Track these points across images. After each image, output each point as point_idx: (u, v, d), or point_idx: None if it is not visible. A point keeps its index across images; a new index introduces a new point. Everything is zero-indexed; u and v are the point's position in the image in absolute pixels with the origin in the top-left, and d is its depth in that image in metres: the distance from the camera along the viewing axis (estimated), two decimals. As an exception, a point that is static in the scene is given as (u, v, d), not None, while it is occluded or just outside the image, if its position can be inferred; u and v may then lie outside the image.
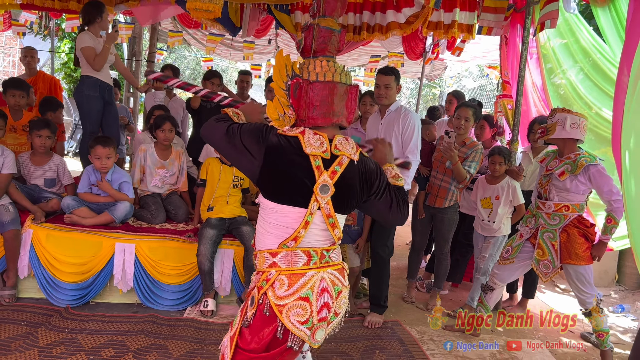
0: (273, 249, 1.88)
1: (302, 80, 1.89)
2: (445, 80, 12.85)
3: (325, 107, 1.89)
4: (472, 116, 4.02)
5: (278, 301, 1.80)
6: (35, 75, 5.59)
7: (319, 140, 1.87)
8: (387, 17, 4.89)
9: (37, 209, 3.71)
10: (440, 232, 4.18)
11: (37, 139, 3.87)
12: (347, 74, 1.94)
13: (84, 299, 3.66)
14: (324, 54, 1.96)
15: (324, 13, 1.99)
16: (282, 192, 1.87)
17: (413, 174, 3.76)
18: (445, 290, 4.66)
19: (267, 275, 1.86)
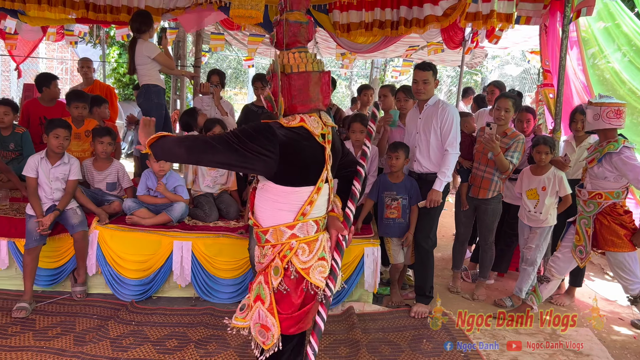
0: (289, 222, 2.12)
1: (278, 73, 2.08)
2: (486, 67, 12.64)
3: (302, 95, 2.09)
4: (512, 107, 4.06)
5: (303, 265, 2.11)
6: (92, 84, 5.97)
7: (315, 121, 2.11)
8: (424, 10, 4.92)
9: (101, 212, 4.01)
10: (484, 223, 4.23)
11: (99, 146, 4.16)
12: (319, 62, 2.13)
13: (146, 294, 3.93)
14: (295, 45, 2.14)
15: (291, 7, 2.15)
16: (300, 177, 2.10)
17: (453, 166, 3.82)
18: (491, 280, 4.70)
19: (289, 246, 2.12)
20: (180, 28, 8.13)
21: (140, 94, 4.94)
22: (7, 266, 3.93)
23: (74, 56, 14.63)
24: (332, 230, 2.23)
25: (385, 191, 4.05)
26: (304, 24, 2.13)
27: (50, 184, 3.77)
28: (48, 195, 3.78)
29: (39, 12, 5.31)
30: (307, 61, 2.08)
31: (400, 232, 4.05)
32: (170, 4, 5.34)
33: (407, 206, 4.00)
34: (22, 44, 8.24)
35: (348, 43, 5.68)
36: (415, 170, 4.01)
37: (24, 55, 8.53)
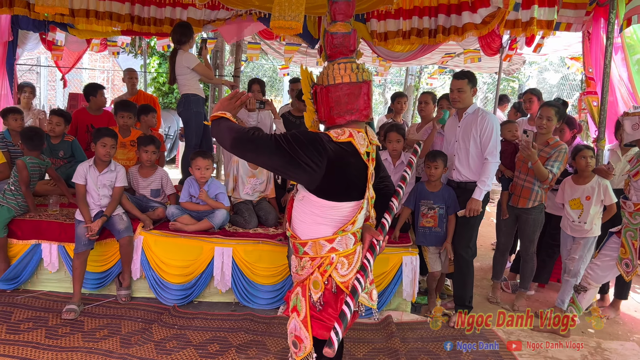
0: (328, 236, 2.09)
1: (318, 87, 2.10)
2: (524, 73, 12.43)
3: (339, 107, 2.06)
4: (555, 115, 3.98)
5: (342, 279, 2.07)
6: (136, 94, 6.18)
7: (362, 138, 2.06)
8: (462, 18, 4.91)
9: (146, 218, 4.13)
10: (525, 233, 4.17)
11: (144, 154, 4.30)
12: (362, 71, 2.07)
13: (188, 299, 4.02)
14: (337, 57, 2.11)
15: (334, 19, 2.14)
16: (343, 192, 2.06)
17: (493, 175, 3.78)
18: (532, 290, 4.62)
19: (329, 260, 2.08)
20: (218, 38, 8.32)
21: (180, 103, 5.08)
22: (57, 269, 4.09)
23: (115, 66, 15.11)
24: (367, 234, 2.20)
25: (422, 200, 4.04)
26: (346, 34, 2.09)
27: (98, 191, 3.92)
28: (96, 201, 3.93)
29: (87, 25, 5.55)
30: (347, 72, 2.05)
31: (436, 241, 4.03)
32: (212, 15, 5.49)
33: (444, 215, 3.98)
34: (67, 54, 8.57)
35: (385, 51, 5.70)
36: (454, 178, 3.99)
37: (70, 66, 8.87)
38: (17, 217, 4.06)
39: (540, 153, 3.96)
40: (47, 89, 12.87)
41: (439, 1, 4.97)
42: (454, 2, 4.96)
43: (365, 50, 8.45)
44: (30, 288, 4.12)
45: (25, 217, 4.10)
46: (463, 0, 4.85)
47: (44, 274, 4.14)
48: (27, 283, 4.13)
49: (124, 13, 5.52)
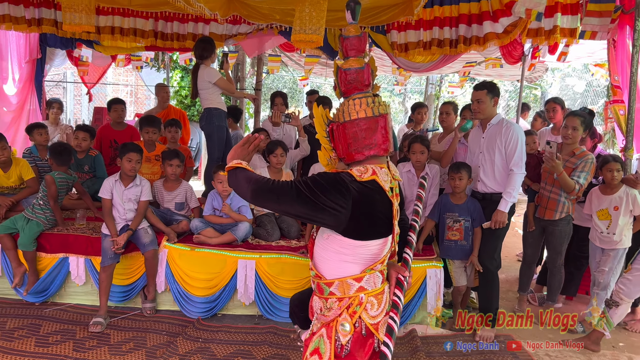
0: (357, 274, 2.01)
1: (334, 124, 2.06)
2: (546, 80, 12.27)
3: (357, 143, 2.01)
4: (581, 125, 3.91)
5: (373, 320, 1.99)
6: (166, 108, 6.31)
7: (385, 174, 2.00)
8: (483, 28, 4.88)
9: (170, 231, 4.17)
10: (552, 245, 4.11)
11: (168, 168, 4.36)
12: (379, 104, 2.03)
13: (212, 311, 4.04)
14: (352, 93, 2.06)
15: (346, 55, 2.09)
16: (369, 231, 1.98)
17: (519, 187, 3.73)
18: (559, 303, 4.52)
19: (359, 300, 2.00)
20: (240, 51, 8.42)
21: (203, 117, 5.15)
22: (84, 282, 4.16)
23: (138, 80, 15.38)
24: (392, 271, 2.14)
25: (447, 212, 4.00)
26: (359, 69, 2.04)
27: (124, 205, 3.98)
28: (122, 215, 3.99)
29: (112, 42, 5.68)
30: (361, 107, 2.01)
31: (462, 255, 3.98)
32: (233, 30, 5.56)
33: (470, 228, 3.93)
34: (92, 69, 8.78)
35: (406, 62, 5.70)
36: (479, 190, 3.95)
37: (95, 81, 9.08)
38: (45, 231, 4.13)
39: (565, 164, 3.90)
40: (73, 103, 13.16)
41: (459, 11, 4.95)
42: (474, 12, 4.93)
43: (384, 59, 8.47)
44: (59, 301, 4.19)
45: (54, 231, 4.18)
46: (484, 10, 4.82)
47: (72, 286, 4.21)
48: (56, 296, 4.20)
49: (148, 29, 5.63)
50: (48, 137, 5.07)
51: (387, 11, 5.04)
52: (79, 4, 4.84)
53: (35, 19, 5.38)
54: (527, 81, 10.16)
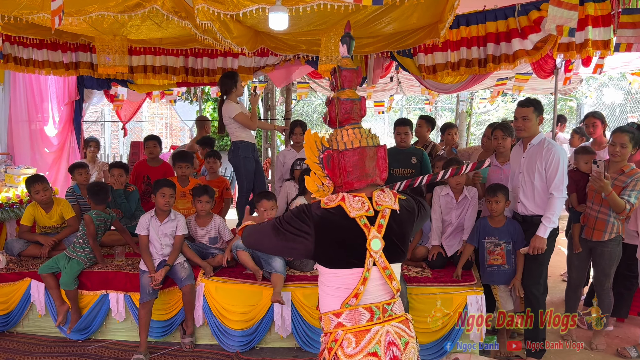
0: (336, 309, 1.99)
1: (333, 151, 2.06)
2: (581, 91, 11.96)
3: (358, 171, 2.03)
4: (630, 142, 3.74)
5: (348, 359, 1.91)
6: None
7: (359, 202, 2.02)
8: (512, 45, 4.79)
9: (206, 265, 4.19)
10: (600, 267, 3.91)
11: (198, 204, 4.40)
12: (374, 136, 2.10)
13: (250, 345, 4.02)
14: (349, 122, 2.12)
15: (342, 86, 2.14)
16: (338, 258, 2.01)
17: (559, 212, 3.58)
18: (610, 326, 4.31)
19: (334, 336, 1.97)
20: (269, 80, 8.56)
21: (230, 150, 5.23)
22: (124, 319, 4.21)
23: (172, 113, 15.81)
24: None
25: (487, 236, 3.90)
26: (356, 100, 2.12)
27: (160, 241, 4.03)
28: (158, 251, 4.04)
29: (145, 80, 5.86)
30: (362, 136, 2.06)
31: (506, 279, 3.86)
32: (261, 62, 5.65)
33: (512, 251, 3.81)
34: (127, 105, 9.10)
35: (434, 84, 5.66)
36: (519, 212, 3.82)
37: (130, 116, 9.38)
38: (86, 269, 4.22)
39: (614, 182, 3.72)
40: (110, 139, 13.62)
41: (487, 30, 4.88)
42: (502, 30, 4.86)
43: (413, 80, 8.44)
44: (100, 337, 4.25)
45: (94, 268, 4.27)
46: (512, 28, 4.75)
47: (112, 323, 4.27)
48: (97, 333, 4.27)
49: (179, 66, 5.79)
50: (89, 176, 5.23)
51: (413, 35, 5.03)
52: (113, 47, 5.03)
53: (73, 62, 5.61)
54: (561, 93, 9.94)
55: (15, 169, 5.84)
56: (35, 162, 6.46)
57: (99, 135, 12.86)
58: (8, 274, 4.30)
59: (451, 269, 4.09)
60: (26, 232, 4.63)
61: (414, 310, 3.84)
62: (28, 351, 4.01)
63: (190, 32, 4.35)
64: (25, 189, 5.07)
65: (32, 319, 4.35)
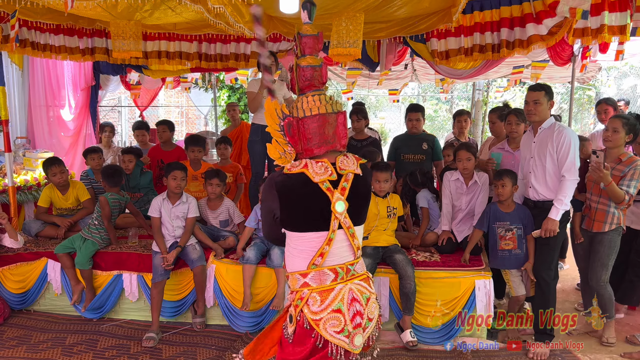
0: (303, 270, 2.10)
1: (293, 118, 2.12)
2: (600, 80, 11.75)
3: (317, 137, 2.09)
4: (623, 127, 3.66)
5: (314, 316, 2.03)
6: (239, 125, 6.55)
7: (322, 167, 2.09)
8: (527, 31, 4.74)
9: (217, 247, 4.26)
10: (598, 255, 3.76)
11: (209, 187, 4.45)
12: (335, 102, 2.14)
13: (259, 325, 4.07)
14: (310, 89, 2.14)
15: (303, 52, 2.15)
16: (303, 222, 2.11)
17: (571, 194, 3.54)
18: (621, 313, 4.27)
19: (300, 294, 2.09)
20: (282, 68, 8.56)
21: None
22: (137, 298, 4.30)
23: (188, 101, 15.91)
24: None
25: (497, 221, 3.88)
26: (316, 67, 2.13)
27: (172, 223, 4.10)
28: (170, 232, 4.11)
29: (159, 66, 5.92)
30: (321, 103, 2.09)
31: (518, 264, 3.85)
32: (274, 47, 5.66)
33: (523, 236, 3.80)
34: (144, 93, 9.19)
35: (447, 70, 5.62)
36: (530, 197, 3.80)
37: (147, 104, 9.48)
38: (100, 249, 4.31)
39: (612, 172, 3.62)
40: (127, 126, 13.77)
41: (500, 15, 4.83)
42: (516, 15, 4.80)
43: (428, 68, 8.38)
44: (114, 317, 4.35)
45: (108, 249, 4.36)
46: (526, 12, 4.69)
47: (126, 303, 4.36)
48: (111, 312, 4.37)
49: (192, 52, 5.83)
50: (102, 161, 5.31)
51: (426, 20, 4.99)
52: (127, 32, 5.08)
53: (89, 48, 5.68)
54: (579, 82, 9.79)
55: (34, 153, 5.98)
56: (53, 147, 6.60)
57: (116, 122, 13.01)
58: (26, 253, 4.41)
59: (460, 254, 4.09)
60: (43, 214, 4.74)
61: (421, 294, 3.86)
62: (45, 328, 4.13)
63: (203, 17, 4.38)
64: (42, 172, 5.18)
65: (48, 297, 4.46)
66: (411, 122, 5.26)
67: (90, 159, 5.21)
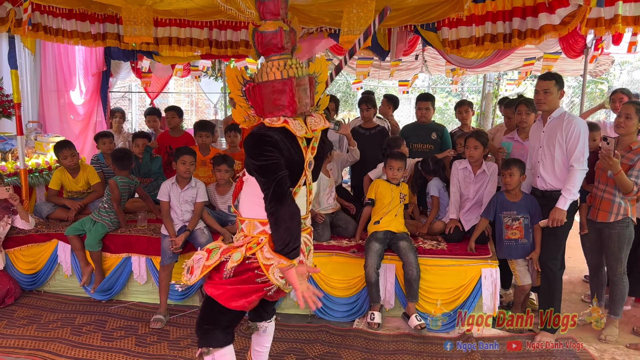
0: (263, 219, 2.20)
1: (253, 84, 2.19)
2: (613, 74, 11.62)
3: (269, 104, 2.15)
4: (636, 114, 3.58)
5: (266, 261, 2.21)
6: None
7: (299, 125, 2.18)
8: (539, 20, 4.69)
9: (225, 231, 4.29)
10: (609, 251, 3.73)
11: (217, 173, 4.48)
12: (288, 68, 2.14)
13: (265, 310, 4.11)
14: (269, 54, 2.17)
15: (263, 17, 2.18)
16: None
17: (579, 184, 3.52)
18: (628, 306, 4.26)
19: (257, 240, 2.25)
20: (292, 57, 8.55)
21: None
22: (145, 281, 4.35)
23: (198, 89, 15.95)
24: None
25: (504, 211, 3.88)
26: (274, 32, 2.14)
27: (181, 207, 4.13)
28: (179, 216, 4.14)
29: (170, 52, 5.92)
30: (272, 69, 2.12)
31: (524, 254, 3.85)
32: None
33: (530, 226, 3.79)
34: (155, 81, 9.22)
35: (458, 59, 5.59)
36: (539, 187, 3.79)
37: (157, 91, 9.52)
38: (110, 232, 4.36)
39: (621, 160, 3.56)
40: (137, 114, 13.86)
41: (513, 4, 4.78)
42: (529, 4, 4.76)
43: (439, 59, 8.34)
44: (122, 299, 4.41)
45: (117, 232, 4.41)
46: (539, 2, 4.64)
47: (134, 285, 4.42)
48: (120, 294, 4.42)
49: (203, 38, 5.83)
50: (113, 145, 5.36)
51: (437, 8, 4.95)
52: (138, 17, 5.09)
53: (100, 33, 5.69)
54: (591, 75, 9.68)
55: (45, 137, 6.04)
56: (64, 132, 6.66)
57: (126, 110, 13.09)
58: (37, 235, 4.48)
59: (467, 243, 4.10)
60: (54, 196, 4.79)
61: (427, 282, 3.88)
62: (54, 308, 4.20)
63: (214, 3, 4.38)
64: (54, 156, 5.24)
65: (58, 279, 4.53)
66: (420, 110, 5.25)
67: (101, 143, 5.26)
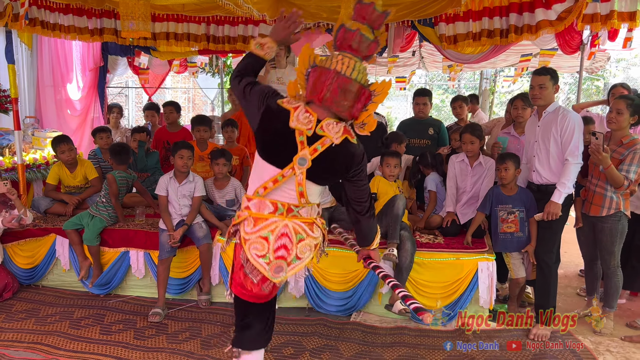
0: (249, 195, 2.29)
1: (315, 67, 2.18)
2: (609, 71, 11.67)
3: (316, 87, 2.14)
4: (627, 108, 3.58)
5: (245, 235, 2.27)
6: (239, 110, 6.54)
7: (307, 118, 2.17)
8: (536, 16, 4.71)
9: (223, 226, 4.30)
10: (602, 244, 3.76)
11: (215, 167, 4.48)
12: (358, 71, 2.13)
13: (263, 304, 4.13)
14: (343, 49, 2.17)
15: (355, 18, 2.18)
16: (268, 151, 2.26)
17: (574, 177, 3.56)
18: (623, 299, 4.29)
19: (241, 214, 2.32)
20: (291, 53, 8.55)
21: None
22: (143, 275, 4.36)
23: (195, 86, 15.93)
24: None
25: (500, 204, 3.90)
26: (352, 31, 2.13)
27: (179, 201, 4.14)
28: (177, 211, 4.15)
29: (167, 47, 5.94)
30: (343, 63, 2.11)
31: (519, 247, 3.87)
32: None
33: (525, 219, 3.82)
34: (152, 77, 9.21)
35: (455, 54, 5.61)
36: (534, 181, 3.81)
37: (155, 88, 9.50)
38: (108, 227, 4.37)
39: (612, 154, 3.58)
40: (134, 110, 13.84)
41: (510, 0, 4.82)
42: (526, 0, 4.79)
43: (436, 55, 8.35)
44: (120, 293, 4.42)
45: (115, 226, 4.41)
46: (536, -3, 4.67)
47: (132, 280, 4.42)
48: (118, 288, 4.43)
49: (200, 33, 5.83)
50: (110, 140, 5.36)
51: (434, 4, 4.97)
52: (136, 12, 5.08)
53: (98, 28, 5.69)
54: (588, 72, 9.72)
55: (42, 132, 6.04)
56: (61, 127, 6.64)
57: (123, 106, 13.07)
58: (35, 229, 4.48)
59: (464, 237, 4.12)
60: (52, 191, 4.79)
61: (424, 275, 3.90)
62: (53, 303, 4.20)
63: (211, -3, 4.39)
64: (51, 151, 5.24)
65: (56, 273, 4.53)
66: (418, 106, 5.27)
67: (98, 138, 5.26)
